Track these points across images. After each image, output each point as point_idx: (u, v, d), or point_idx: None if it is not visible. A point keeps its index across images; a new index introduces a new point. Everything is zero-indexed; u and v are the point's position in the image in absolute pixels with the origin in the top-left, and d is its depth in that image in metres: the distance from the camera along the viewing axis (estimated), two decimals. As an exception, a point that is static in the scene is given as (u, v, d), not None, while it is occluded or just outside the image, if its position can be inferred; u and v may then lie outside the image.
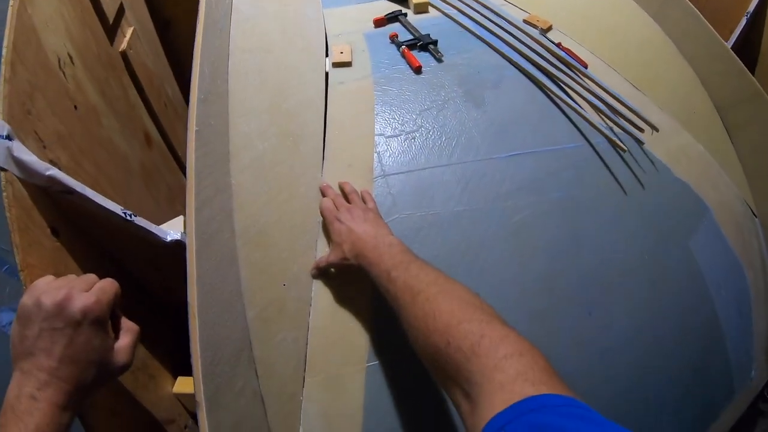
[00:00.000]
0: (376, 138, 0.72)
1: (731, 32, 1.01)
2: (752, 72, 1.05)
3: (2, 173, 0.52)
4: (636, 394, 0.76)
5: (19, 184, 0.54)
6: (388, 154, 0.70)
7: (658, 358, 0.79)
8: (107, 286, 0.47)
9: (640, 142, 0.83)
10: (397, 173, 0.69)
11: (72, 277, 0.47)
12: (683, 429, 0.84)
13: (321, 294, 0.64)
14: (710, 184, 0.93)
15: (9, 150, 0.52)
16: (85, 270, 0.61)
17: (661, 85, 0.98)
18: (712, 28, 0.96)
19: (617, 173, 0.81)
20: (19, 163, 0.53)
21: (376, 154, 0.71)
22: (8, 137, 0.52)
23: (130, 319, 0.50)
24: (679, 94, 0.99)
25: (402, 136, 0.72)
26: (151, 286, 0.73)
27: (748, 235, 0.97)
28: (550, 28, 0.95)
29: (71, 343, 0.43)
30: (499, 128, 0.76)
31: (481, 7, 0.96)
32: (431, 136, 0.73)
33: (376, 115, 0.75)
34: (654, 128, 0.84)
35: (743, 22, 1.01)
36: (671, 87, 0.99)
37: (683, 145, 0.93)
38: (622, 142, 0.82)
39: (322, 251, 0.65)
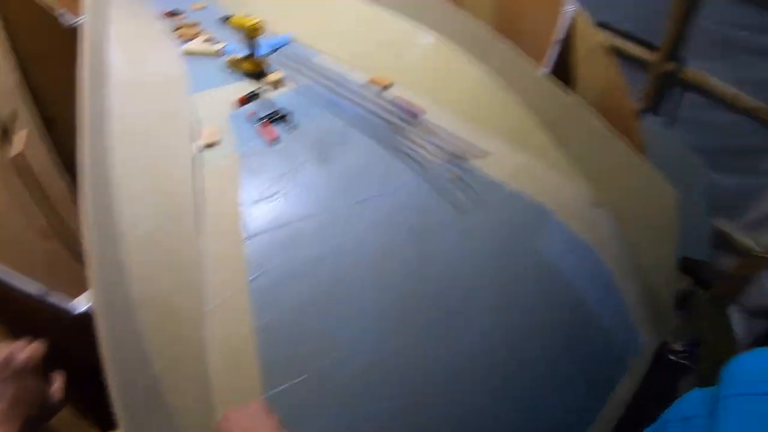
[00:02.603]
0: (242, 206, 0.97)
1: (545, 56, 1.34)
2: (571, 86, 1.38)
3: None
4: (511, 392, 0.98)
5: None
6: (252, 218, 0.95)
7: (525, 351, 1.02)
8: (36, 345, 0.71)
9: (470, 169, 1.13)
10: (262, 233, 0.94)
11: (8, 343, 0.69)
12: (574, 408, 1.07)
13: (213, 338, 0.86)
14: (550, 190, 1.23)
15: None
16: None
17: (493, 114, 1.30)
18: (529, 57, 1.29)
19: (456, 200, 1.09)
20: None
21: (242, 220, 0.96)
22: None
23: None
24: (511, 119, 1.31)
25: (264, 201, 0.98)
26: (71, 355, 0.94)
27: (597, 224, 1.27)
28: (390, 85, 1.26)
29: (18, 387, 0.64)
30: (347, 181, 1.03)
31: (331, 75, 1.26)
32: (288, 197, 0.99)
33: (241, 186, 1.00)
34: (484, 154, 1.14)
35: (556, 48, 1.35)
36: (503, 115, 1.31)
37: (518, 162, 1.23)
38: (459, 170, 1.11)
39: (212, 303, 0.88)
